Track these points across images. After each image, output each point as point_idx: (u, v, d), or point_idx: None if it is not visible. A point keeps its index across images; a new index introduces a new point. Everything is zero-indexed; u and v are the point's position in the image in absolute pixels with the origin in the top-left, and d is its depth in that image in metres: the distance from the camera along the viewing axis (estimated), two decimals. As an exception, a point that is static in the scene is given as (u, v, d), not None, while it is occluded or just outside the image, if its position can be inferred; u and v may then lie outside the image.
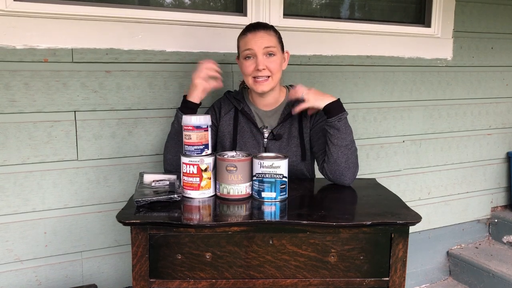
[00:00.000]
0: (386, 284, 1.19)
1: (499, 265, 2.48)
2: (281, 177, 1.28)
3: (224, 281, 1.17)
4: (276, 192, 1.28)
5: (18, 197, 1.68)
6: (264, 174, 1.28)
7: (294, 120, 1.60)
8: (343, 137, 1.46)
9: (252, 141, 1.59)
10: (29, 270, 1.73)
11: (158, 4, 1.91)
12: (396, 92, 2.41)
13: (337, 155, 1.46)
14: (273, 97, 1.61)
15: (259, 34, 1.50)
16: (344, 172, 1.47)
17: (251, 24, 1.56)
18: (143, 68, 1.81)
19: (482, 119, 2.71)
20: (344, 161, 1.46)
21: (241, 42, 1.55)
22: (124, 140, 1.82)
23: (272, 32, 1.54)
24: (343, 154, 1.46)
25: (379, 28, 2.29)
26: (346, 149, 1.46)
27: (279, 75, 1.56)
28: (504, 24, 2.64)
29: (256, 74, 1.50)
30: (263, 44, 1.49)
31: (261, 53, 1.49)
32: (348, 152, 1.47)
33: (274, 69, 1.51)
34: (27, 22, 1.60)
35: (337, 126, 1.45)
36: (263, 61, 1.49)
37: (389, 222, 1.16)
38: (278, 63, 1.53)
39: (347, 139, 1.47)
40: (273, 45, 1.51)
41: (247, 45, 1.51)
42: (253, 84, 1.53)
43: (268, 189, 1.28)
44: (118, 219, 1.14)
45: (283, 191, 1.29)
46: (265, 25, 1.55)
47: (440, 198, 2.64)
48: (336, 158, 1.46)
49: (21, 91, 1.63)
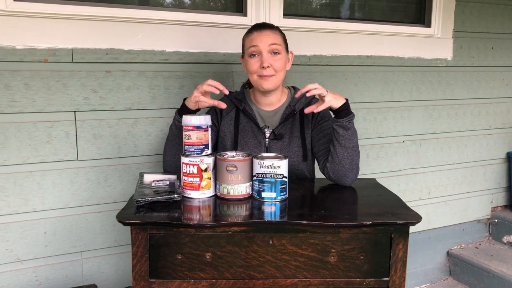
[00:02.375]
0: (386, 284, 1.19)
1: (499, 265, 2.48)
2: (281, 177, 1.28)
3: (224, 281, 1.17)
4: (276, 192, 1.28)
5: (18, 197, 1.68)
6: (264, 174, 1.27)
7: (295, 121, 1.60)
8: (350, 138, 1.47)
9: (254, 141, 1.59)
10: (29, 270, 1.73)
11: (158, 4, 1.91)
12: (396, 92, 2.41)
13: (342, 156, 1.46)
14: (276, 97, 1.61)
15: (265, 33, 1.52)
16: (347, 173, 1.47)
17: (258, 24, 1.57)
18: (143, 68, 1.81)
19: (482, 119, 2.71)
20: (349, 162, 1.46)
21: (247, 40, 1.55)
22: (124, 140, 1.82)
23: (277, 31, 1.55)
24: (349, 156, 1.47)
25: (379, 28, 2.29)
26: (352, 150, 1.47)
27: (283, 74, 1.56)
28: (504, 24, 2.64)
29: (261, 72, 1.51)
30: (268, 41, 1.50)
31: (266, 51, 1.50)
32: (353, 154, 1.47)
33: (278, 67, 1.52)
34: (27, 22, 1.60)
35: (348, 126, 1.46)
36: (268, 58, 1.50)
37: (389, 222, 1.16)
38: (283, 61, 1.53)
39: (354, 140, 1.48)
40: (278, 43, 1.52)
41: (253, 42, 1.51)
42: (258, 80, 1.53)
43: (268, 189, 1.28)
44: (118, 219, 1.14)
45: (283, 191, 1.29)
46: (271, 25, 1.56)
47: (440, 198, 2.64)
48: (342, 159, 1.46)
49: (21, 91, 1.63)
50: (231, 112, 1.63)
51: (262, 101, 1.62)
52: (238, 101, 1.62)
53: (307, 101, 1.60)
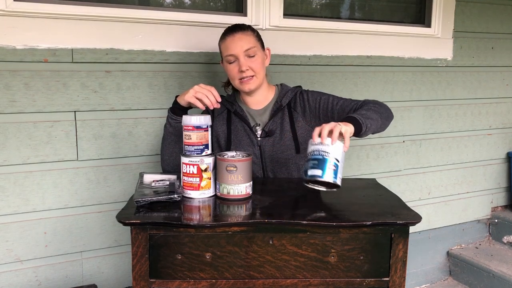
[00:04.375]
0: (386, 284, 1.19)
1: (499, 265, 2.48)
2: (329, 156, 1.19)
3: (224, 281, 1.17)
4: (322, 171, 1.19)
5: (18, 197, 1.68)
6: (313, 151, 1.21)
7: (284, 115, 1.62)
8: (375, 126, 1.43)
9: (247, 140, 1.61)
10: (29, 270, 1.73)
11: (158, 4, 1.91)
12: (396, 92, 2.41)
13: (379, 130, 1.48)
14: (262, 95, 1.64)
15: (237, 36, 1.53)
16: (384, 126, 1.49)
17: (228, 28, 1.58)
18: (143, 68, 1.81)
19: (482, 119, 2.71)
20: (381, 125, 1.46)
21: (222, 47, 1.58)
22: (124, 140, 1.82)
23: (249, 32, 1.57)
24: (383, 125, 1.48)
25: (379, 28, 2.29)
26: (380, 122, 1.45)
27: (263, 73, 1.60)
28: (504, 24, 2.64)
29: (241, 75, 1.54)
30: (243, 47, 1.52)
31: (242, 55, 1.53)
32: (381, 122, 1.46)
33: (256, 68, 1.55)
34: (27, 22, 1.60)
35: (368, 131, 1.41)
36: (245, 62, 1.53)
37: (389, 222, 1.16)
38: (259, 62, 1.56)
39: (378, 121, 1.44)
40: (252, 46, 1.54)
41: (228, 50, 1.54)
42: (240, 84, 1.57)
43: (315, 166, 1.20)
44: (118, 219, 1.14)
45: (333, 172, 1.19)
46: (242, 26, 1.57)
47: (440, 198, 2.64)
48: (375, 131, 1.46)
49: (21, 91, 1.63)
50: (223, 114, 1.66)
51: (249, 101, 1.65)
52: (229, 103, 1.64)
53: (292, 94, 1.63)
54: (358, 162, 2.36)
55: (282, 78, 2.03)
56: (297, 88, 1.69)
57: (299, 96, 1.64)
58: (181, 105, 1.50)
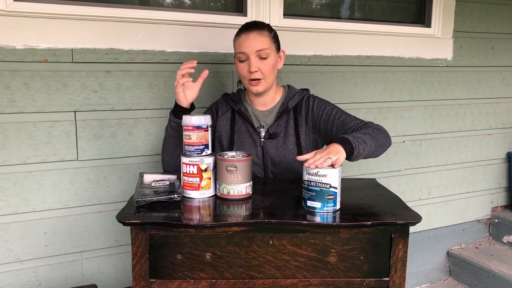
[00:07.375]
0: (386, 284, 1.19)
1: (499, 265, 2.48)
2: (328, 187, 1.20)
3: (224, 281, 1.17)
4: (321, 203, 1.20)
5: (18, 197, 1.68)
6: (310, 181, 1.21)
7: (289, 119, 1.61)
8: (369, 151, 1.39)
9: (250, 141, 1.60)
10: (29, 270, 1.73)
11: (158, 4, 1.91)
12: (396, 92, 2.41)
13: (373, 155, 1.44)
14: (270, 97, 1.62)
15: (252, 35, 1.50)
16: (378, 153, 1.45)
17: (245, 24, 1.55)
18: (143, 68, 1.81)
19: (482, 119, 2.71)
20: (374, 151, 1.42)
21: (236, 43, 1.56)
22: (124, 140, 1.82)
23: (265, 32, 1.53)
24: (376, 152, 1.43)
25: (379, 28, 2.29)
26: (374, 148, 1.41)
27: (273, 76, 1.57)
28: (504, 24, 2.64)
29: (250, 76, 1.52)
30: (255, 47, 1.49)
31: (253, 55, 1.50)
32: (376, 148, 1.42)
33: (266, 71, 1.52)
34: (27, 22, 1.60)
35: (361, 155, 1.38)
36: (255, 63, 1.50)
37: (389, 222, 1.16)
38: (270, 65, 1.53)
39: (372, 147, 1.40)
40: (265, 47, 1.50)
41: (240, 48, 1.52)
42: (248, 85, 1.55)
43: (312, 198, 1.21)
44: (118, 219, 1.14)
45: (330, 202, 1.20)
46: (259, 25, 1.54)
47: (440, 198, 2.64)
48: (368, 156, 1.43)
49: (21, 91, 1.63)
50: (227, 113, 1.64)
51: (256, 102, 1.63)
52: (234, 102, 1.63)
53: (299, 98, 1.62)
54: (358, 162, 2.36)
55: (282, 78, 2.03)
56: (305, 91, 1.66)
57: (305, 100, 1.62)
58: (181, 106, 1.50)
